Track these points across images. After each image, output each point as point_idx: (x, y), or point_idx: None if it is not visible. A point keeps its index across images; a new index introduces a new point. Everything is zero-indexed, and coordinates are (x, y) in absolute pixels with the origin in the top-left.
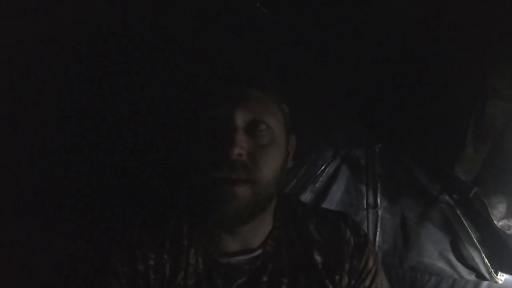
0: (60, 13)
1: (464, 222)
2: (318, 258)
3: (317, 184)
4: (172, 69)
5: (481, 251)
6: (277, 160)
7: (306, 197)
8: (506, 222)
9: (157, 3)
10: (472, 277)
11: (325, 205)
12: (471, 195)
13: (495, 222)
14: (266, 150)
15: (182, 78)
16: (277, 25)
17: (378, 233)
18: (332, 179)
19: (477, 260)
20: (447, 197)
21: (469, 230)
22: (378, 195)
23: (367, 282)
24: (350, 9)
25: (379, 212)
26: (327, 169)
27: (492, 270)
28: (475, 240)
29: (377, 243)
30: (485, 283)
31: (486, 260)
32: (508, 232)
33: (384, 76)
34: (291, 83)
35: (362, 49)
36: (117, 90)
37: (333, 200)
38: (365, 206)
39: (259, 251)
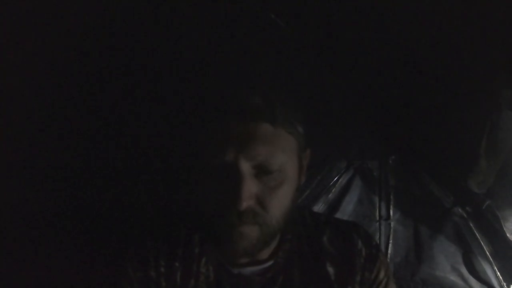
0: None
1: (477, 235)
2: (330, 269)
3: (330, 195)
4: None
5: (494, 264)
6: (288, 198)
7: (319, 208)
8: None
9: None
10: None
11: (338, 216)
12: (484, 207)
13: (507, 235)
14: (276, 192)
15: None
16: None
17: (390, 245)
18: (345, 190)
19: (489, 273)
20: (460, 210)
21: (482, 243)
22: (391, 207)
23: None
24: (367, 22)
25: (392, 224)
26: (340, 180)
27: (505, 284)
28: (488, 253)
29: (389, 255)
30: None
31: (498, 273)
32: None
33: (398, 89)
34: (306, 97)
35: (377, 63)
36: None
37: (346, 211)
38: (378, 218)
39: (270, 263)
